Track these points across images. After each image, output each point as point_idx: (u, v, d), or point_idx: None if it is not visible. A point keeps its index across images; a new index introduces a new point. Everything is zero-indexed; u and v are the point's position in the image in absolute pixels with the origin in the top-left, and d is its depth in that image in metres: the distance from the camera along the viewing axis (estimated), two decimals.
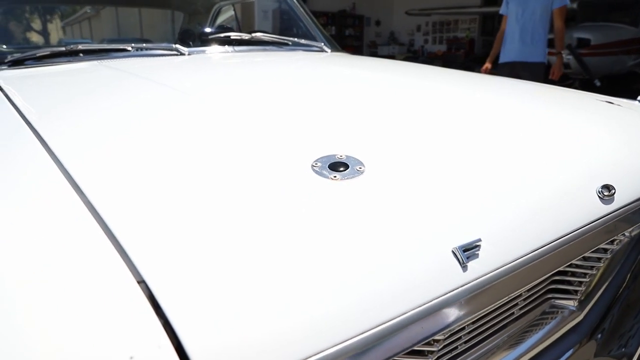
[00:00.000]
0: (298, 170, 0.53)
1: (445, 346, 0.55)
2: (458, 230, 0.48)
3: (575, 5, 8.41)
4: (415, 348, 0.46)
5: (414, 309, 0.41)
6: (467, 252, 0.45)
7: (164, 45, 1.55)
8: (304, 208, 0.48)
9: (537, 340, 0.79)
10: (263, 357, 0.34)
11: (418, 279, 0.43)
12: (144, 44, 1.53)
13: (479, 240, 0.47)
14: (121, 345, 0.32)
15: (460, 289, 0.44)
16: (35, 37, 2.06)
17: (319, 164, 0.55)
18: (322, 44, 2.04)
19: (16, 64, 1.39)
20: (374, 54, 13.22)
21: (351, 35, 13.11)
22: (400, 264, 0.44)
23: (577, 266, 0.79)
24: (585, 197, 0.63)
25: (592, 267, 0.78)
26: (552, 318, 0.82)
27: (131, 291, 0.35)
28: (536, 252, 0.52)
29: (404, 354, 0.45)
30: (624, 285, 1.01)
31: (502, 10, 3.71)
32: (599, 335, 0.86)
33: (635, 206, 0.69)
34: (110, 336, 0.32)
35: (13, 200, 0.56)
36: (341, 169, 0.54)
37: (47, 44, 2.03)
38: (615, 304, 0.92)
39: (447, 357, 0.64)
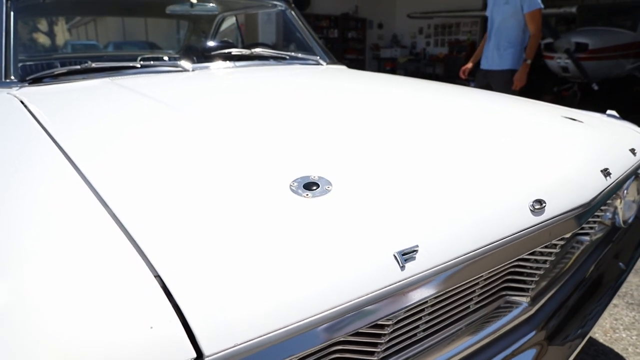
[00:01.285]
0: (278, 189, 0.67)
1: (397, 329, 0.68)
2: (399, 238, 0.60)
3: (574, 10, 8.48)
4: (365, 331, 0.59)
5: (360, 297, 0.54)
6: (405, 255, 0.58)
7: (169, 62, 1.69)
8: (282, 219, 0.61)
9: (493, 330, 0.91)
10: (245, 329, 0.47)
11: (365, 276, 0.55)
12: (152, 62, 1.67)
13: (417, 246, 0.59)
14: (145, 319, 0.44)
15: (397, 284, 0.56)
16: (51, 50, 2.19)
17: (295, 183, 0.68)
18: (318, 57, 2.16)
19: (35, 81, 1.53)
20: (376, 56, 13.33)
21: (354, 38, 13.20)
22: (353, 264, 0.56)
23: (526, 267, 0.91)
24: (517, 209, 0.75)
25: (539, 269, 0.91)
26: (507, 312, 0.94)
27: (150, 283, 0.48)
28: (467, 255, 0.64)
29: (364, 329, 0.58)
30: (576, 284, 1.13)
31: (487, 12, 3.52)
32: (551, 326, 0.98)
33: (566, 216, 0.81)
34: (137, 313, 0.45)
35: (43, 205, 0.69)
36: (313, 188, 0.67)
37: (62, 52, 2.14)
38: (567, 301, 1.04)
39: (408, 342, 0.76)
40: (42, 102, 1.32)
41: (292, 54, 2.09)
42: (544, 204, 0.76)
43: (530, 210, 0.75)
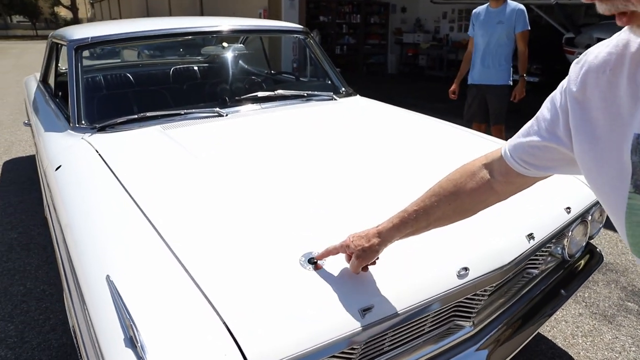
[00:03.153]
0: (291, 262, 1.05)
1: (365, 349, 1.05)
2: (361, 299, 0.97)
3: (552, 1, 8.35)
4: (342, 351, 0.97)
5: (336, 336, 0.91)
6: (365, 311, 0.95)
7: (207, 110, 2.06)
8: (294, 284, 0.99)
9: (444, 344, 1.27)
10: (275, 354, 0.85)
11: (341, 323, 0.93)
12: (193, 109, 2.05)
13: (373, 305, 0.96)
14: (220, 350, 0.83)
15: (359, 328, 0.94)
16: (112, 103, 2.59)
17: (302, 258, 1.06)
18: (332, 93, 2.51)
19: (101, 129, 1.92)
20: (399, 41, 13.37)
21: (376, 22, 13.27)
22: (334, 315, 0.93)
23: (467, 302, 1.26)
24: (446, 275, 1.09)
25: (478, 304, 1.26)
26: (455, 332, 1.30)
27: (217, 325, 0.87)
28: (408, 308, 1.01)
29: (338, 353, 0.96)
30: (520, 308, 1.48)
31: (469, 32, 3.80)
32: (487, 346, 1.34)
33: (487, 276, 1.16)
34: (216, 348, 0.84)
35: (125, 251, 1.07)
36: (314, 261, 1.05)
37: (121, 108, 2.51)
38: (503, 326, 1.39)
39: (377, 353, 1.14)
40: (113, 154, 1.71)
41: (309, 92, 2.43)
42: (468, 270, 1.12)
43: (457, 275, 1.10)
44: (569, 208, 1.48)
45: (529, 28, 3.54)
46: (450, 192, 0.91)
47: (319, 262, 1.05)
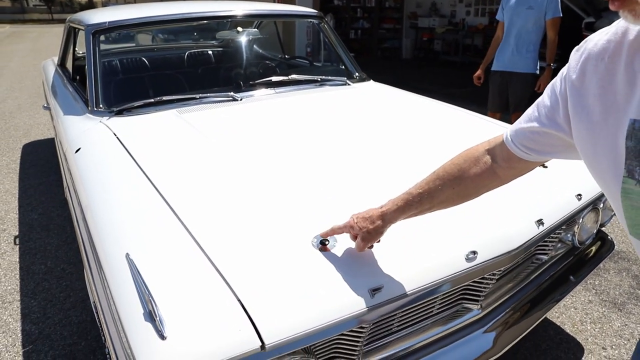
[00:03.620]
0: (304, 243, 1.08)
1: (374, 328, 1.09)
2: (370, 280, 1.00)
3: None
4: (352, 329, 1.01)
5: (346, 315, 0.95)
6: (375, 291, 0.97)
7: (222, 94, 2.09)
8: (306, 264, 1.02)
9: (452, 326, 1.30)
10: (287, 330, 0.88)
11: (351, 302, 0.96)
12: (209, 93, 2.08)
13: (382, 285, 0.99)
14: (235, 326, 0.87)
15: (368, 308, 0.97)
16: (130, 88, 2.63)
17: (314, 239, 1.09)
18: (346, 78, 2.51)
19: (118, 113, 1.96)
20: (414, 25, 13.18)
21: (391, 6, 13.08)
22: (344, 294, 0.96)
23: (476, 286, 1.29)
24: (455, 257, 1.12)
25: (485, 287, 1.28)
26: (463, 314, 1.33)
27: (232, 301, 0.91)
28: (415, 290, 1.03)
29: (348, 331, 1.00)
30: (529, 293, 1.49)
31: (498, 15, 3.63)
32: (495, 328, 1.36)
33: (495, 260, 1.18)
34: (230, 323, 0.88)
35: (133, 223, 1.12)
36: (326, 242, 1.08)
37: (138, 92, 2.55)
38: (510, 310, 1.41)
39: (385, 333, 1.17)
40: (130, 137, 1.75)
41: (323, 77, 2.44)
42: (476, 254, 1.14)
43: (465, 258, 1.12)
44: (579, 195, 1.48)
45: (561, 15, 3.37)
46: (455, 176, 0.93)
47: (329, 243, 1.08)
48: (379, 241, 1.08)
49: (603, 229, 1.87)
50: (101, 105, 2.01)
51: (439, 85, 7.91)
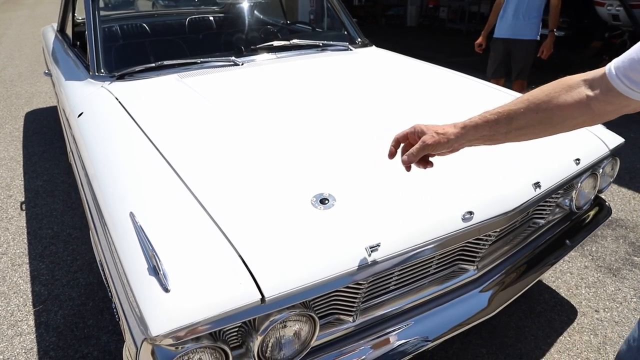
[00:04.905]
0: (303, 202, 1.10)
1: (371, 286, 1.12)
2: (368, 237, 1.02)
3: None
4: (350, 286, 1.04)
5: (343, 271, 0.98)
6: (371, 248, 1.00)
7: (223, 59, 2.08)
8: (305, 222, 1.05)
9: (448, 285, 1.34)
10: (286, 284, 0.92)
11: (348, 259, 0.99)
12: (210, 58, 2.06)
13: (379, 243, 1.01)
14: (235, 279, 0.90)
15: (365, 264, 1.00)
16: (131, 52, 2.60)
17: (313, 199, 1.11)
18: (348, 43, 2.48)
19: (120, 77, 1.96)
20: None
21: None
22: (343, 252, 0.99)
23: (472, 246, 1.31)
24: (452, 217, 1.14)
25: (482, 248, 1.31)
26: (460, 274, 1.36)
27: (233, 256, 0.94)
28: (411, 248, 1.06)
29: (344, 287, 1.03)
30: (525, 256, 1.52)
31: None
32: (490, 288, 1.40)
33: (491, 221, 1.20)
34: (231, 277, 0.91)
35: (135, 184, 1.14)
36: (326, 201, 1.10)
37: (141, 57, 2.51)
38: (506, 271, 1.44)
39: (382, 292, 1.21)
40: (132, 100, 1.75)
41: (325, 42, 2.41)
42: (473, 214, 1.16)
43: (462, 218, 1.14)
44: (578, 159, 1.49)
45: None
46: (541, 100, 0.83)
47: (329, 202, 1.10)
48: (430, 164, 0.98)
49: (601, 195, 1.88)
50: (102, 70, 2.01)
51: (444, 54, 7.78)
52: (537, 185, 1.31)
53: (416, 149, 0.93)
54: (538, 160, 1.41)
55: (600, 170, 1.67)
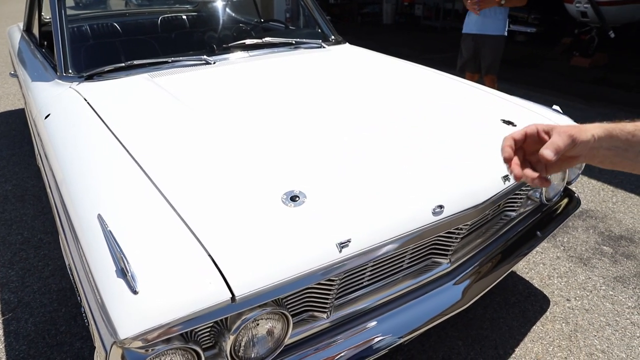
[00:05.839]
0: (274, 200, 1.09)
1: (344, 281, 1.13)
2: (339, 234, 1.03)
3: None
4: (322, 282, 1.04)
5: (314, 267, 0.98)
6: (342, 244, 1.00)
7: (195, 57, 2.05)
8: (275, 220, 1.04)
9: (422, 279, 1.35)
10: (257, 282, 0.91)
11: (319, 256, 0.99)
12: (181, 57, 2.03)
13: (350, 239, 1.02)
14: (205, 279, 0.89)
15: (336, 261, 1.00)
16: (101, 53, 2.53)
17: (284, 196, 1.10)
18: (321, 40, 2.48)
19: (89, 78, 1.92)
20: None
21: None
22: (311, 249, 0.99)
23: (445, 240, 1.33)
24: (422, 212, 1.15)
25: (454, 242, 1.33)
26: (433, 268, 1.38)
27: (203, 256, 0.93)
28: (382, 243, 1.07)
29: (316, 284, 1.03)
30: (497, 248, 1.55)
31: None
32: (463, 280, 1.42)
33: (461, 214, 1.22)
34: (201, 277, 0.90)
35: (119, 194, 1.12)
36: (297, 199, 1.09)
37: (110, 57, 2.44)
38: (479, 263, 1.46)
39: (355, 288, 1.22)
40: (101, 101, 1.71)
41: (298, 39, 2.41)
42: (443, 208, 1.17)
43: (432, 212, 1.16)
44: None
45: None
46: None
47: (299, 199, 1.10)
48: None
49: (570, 187, 1.93)
50: (70, 71, 1.96)
51: (419, 51, 7.85)
52: (506, 178, 1.33)
53: (554, 147, 0.65)
54: None
55: None
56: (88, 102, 1.71)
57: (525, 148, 0.73)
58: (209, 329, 0.99)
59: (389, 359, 1.69)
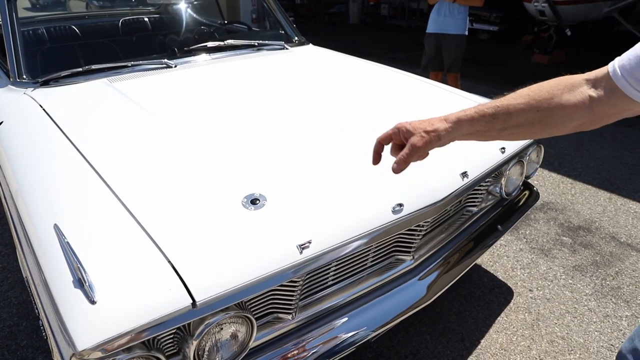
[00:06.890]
0: (234, 203, 1.09)
1: (307, 282, 1.13)
2: (299, 235, 1.04)
3: None
4: (285, 284, 1.05)
5: (275, 270, 0.98)
6: (302, 246, 1.01)
7: (155, 61, 2.02)
8: (235, 223, 1.04)
9: (386, 276, 1.37)
10: (217, 287, 0.91)
11: (280, 258, 0.99)
12: (140, 61, 2.00)
13: (310, 241, 1.03)
14: (165, 285, 0.88)
15: (297, 262, 1.01)
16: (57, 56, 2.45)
17: (244, 200, 1.10)
18: (284, 42, 2.49)
19: (44, 83, 1.86)
20: None
21: None
22: (273, 252, 1.00)
23: (407, 237, 1.36)
24: (382, 210, 1.17)
25: (416, 239, 1.35)
26: (397, 265, 1.40)
27: (162, 262, 0.91)
28: (341, 243, 1.09)
29: (279, 286, 1.04)
30: (460, 243, 1.59)
31: None
32: (427, 276, 1.45)
33: (421, 212, 1.25)
34: (160, 282, 0.89)
35: (72, 195, 1.10)
36: (256, 202, 1.10)
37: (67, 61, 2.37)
38: (442, 259, 1.50)
39: (320, 287, 1.23)
40: (57, 107, 1.67)
41: (260, 41, 2.40)
42: (402, 206, 1.20)
43: (392, 211, 1.18)
44: (503, 148, 1.57)
45: None
46: (543, 97, 0.77)
47: (259, 202, 1.10)
48: (426, 154, 0.88)
49: (529, 180, 2.00)
50: (25, 76, 1.90)
51: (385, 50, 7.95)
52: (464, 174, 1.37)
53: (406, 154, 0.84)
54: (465, 150, 1.47)
55: (526, 157, 1.77)
56: (44, 109, 1.66)
57: (395, 142, 0.90)
58: (171, 336, 0.98)
59: (358, 357, 1.71)
